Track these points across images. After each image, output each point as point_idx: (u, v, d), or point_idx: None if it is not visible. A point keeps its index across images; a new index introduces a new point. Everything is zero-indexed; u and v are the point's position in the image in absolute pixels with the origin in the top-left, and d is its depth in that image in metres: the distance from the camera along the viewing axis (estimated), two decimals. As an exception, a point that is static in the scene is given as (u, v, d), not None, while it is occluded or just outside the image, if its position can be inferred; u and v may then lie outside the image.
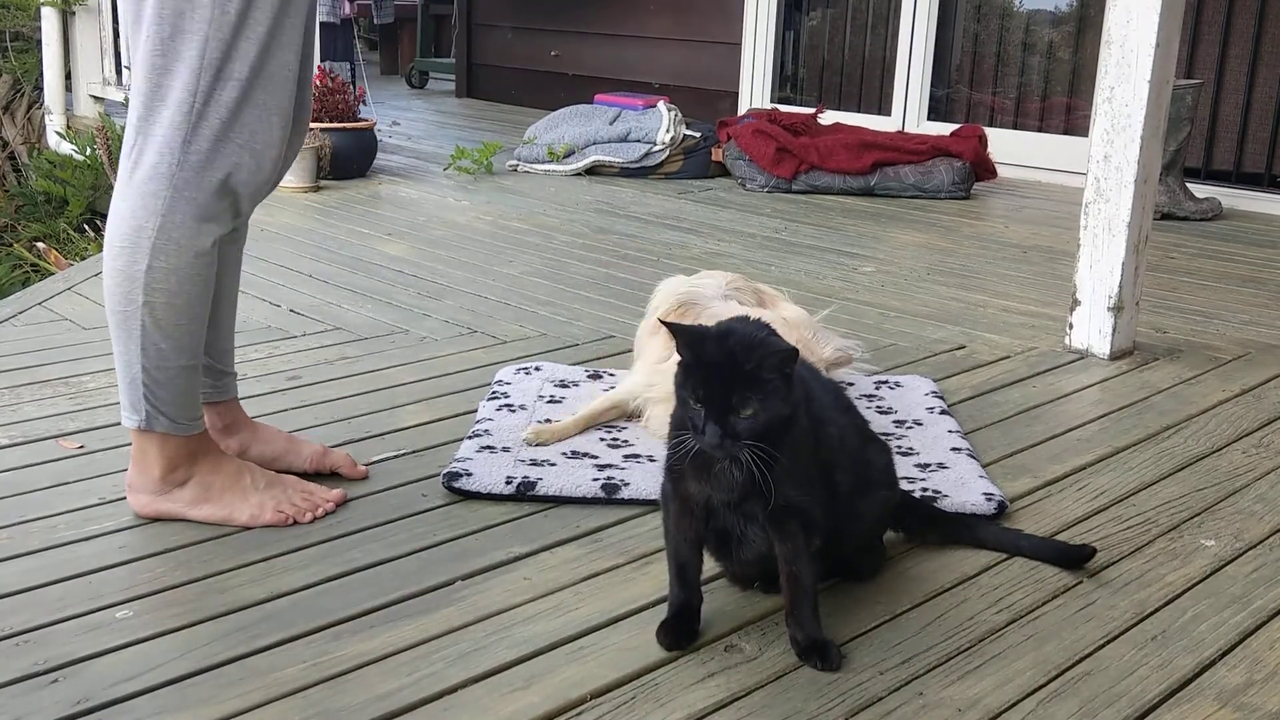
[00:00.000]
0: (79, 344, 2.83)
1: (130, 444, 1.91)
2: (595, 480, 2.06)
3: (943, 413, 2.45)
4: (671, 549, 1.60)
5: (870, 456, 1.74)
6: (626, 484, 2.05)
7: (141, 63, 1.73)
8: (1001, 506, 2.02)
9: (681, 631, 1.59)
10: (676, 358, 1.49)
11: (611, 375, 2.63)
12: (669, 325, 1.51)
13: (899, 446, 2.23)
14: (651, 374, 2.35)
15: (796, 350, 1.45)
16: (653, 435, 2.28)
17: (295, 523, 1.91)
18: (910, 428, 2.37)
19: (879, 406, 2.49)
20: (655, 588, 1.71)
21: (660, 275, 2.83)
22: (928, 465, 2.17)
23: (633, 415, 2.38)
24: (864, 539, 1.77)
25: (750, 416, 1.42)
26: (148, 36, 1.72)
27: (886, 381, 2.66)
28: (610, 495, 2.03)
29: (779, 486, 1.48)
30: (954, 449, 2.24)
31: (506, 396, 2.49)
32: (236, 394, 2.09)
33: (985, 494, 2.04)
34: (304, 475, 2.05)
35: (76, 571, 1.74)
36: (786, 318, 2.50)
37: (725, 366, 1.43)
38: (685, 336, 1.47)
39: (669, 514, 1.60)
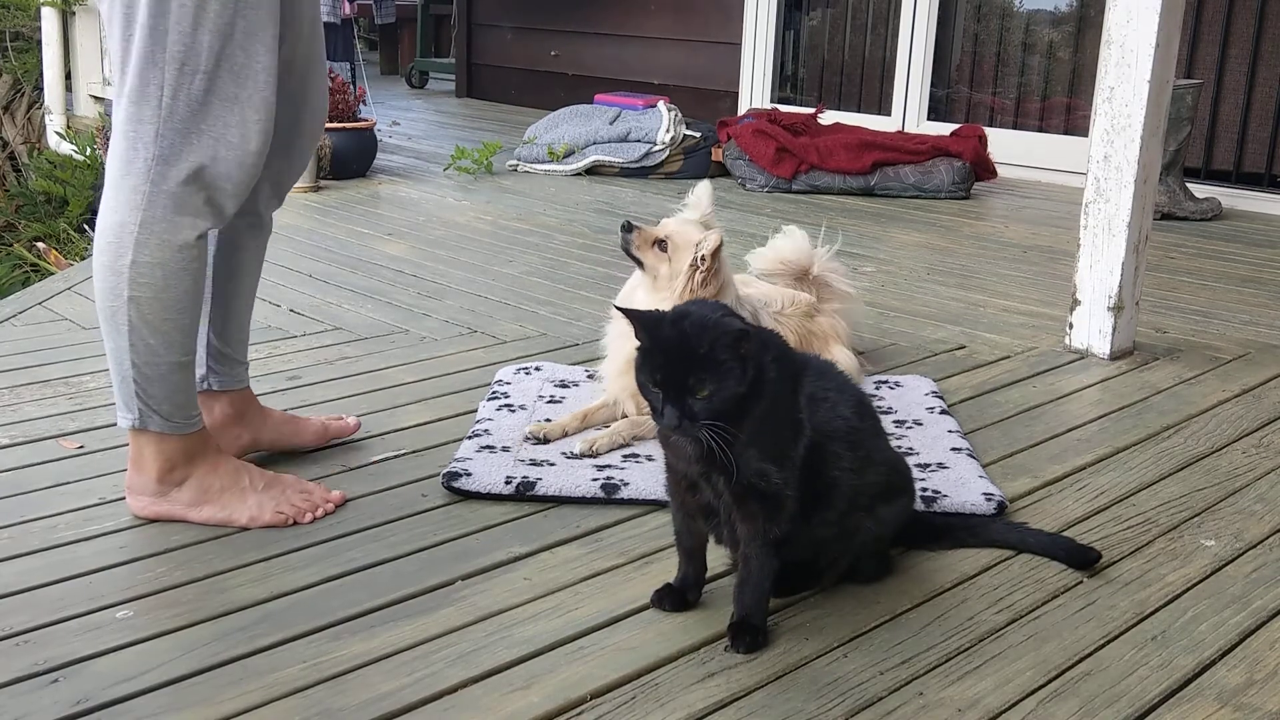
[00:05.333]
0: (79, 344, 2.83)
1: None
2: (595, 480, 2.06)
3: (943, 413, 2.45)
4: (673, 516, 1.69)
5: (893, 462, 1.77)
6: (626, 484, 2.05)
7: (132, 66, 1.72)
8: (1001, 506, 2.02)
9: (669, 596, 1.68)
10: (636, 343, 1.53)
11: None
12: (624, 311, 1.54)
13: (899, 447, 2.22)
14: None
15: (748, 330, 1.48)
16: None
17: (295, 523, 1.91)
18: (910, 428, 2.37)
19: (879, 407, 2.48)
20: (655, 587, 1.70)
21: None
22: (928, 465, 2.17)
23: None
24: (883, 544, 1.78)
25: (706, 398, 1.46)
26: (137, 37, 1.71)
27: (886, 381, 2.66)
28: (610, 495, 2.03)
29: (740, 462, 1.52)
30: (954, 449, 2.24)
31: (506, 396, 2.49)
32: (249, 383, 2.12)
33: (985, 494, 2.04)
34: (312, 451, 2.15)
35: (76, 571, 1.75)
36: (837, 359, 2.49)
37: (680, 349, 1.47)
38: (641, 321, 1.51)
39: (668, 484, 1.67)
